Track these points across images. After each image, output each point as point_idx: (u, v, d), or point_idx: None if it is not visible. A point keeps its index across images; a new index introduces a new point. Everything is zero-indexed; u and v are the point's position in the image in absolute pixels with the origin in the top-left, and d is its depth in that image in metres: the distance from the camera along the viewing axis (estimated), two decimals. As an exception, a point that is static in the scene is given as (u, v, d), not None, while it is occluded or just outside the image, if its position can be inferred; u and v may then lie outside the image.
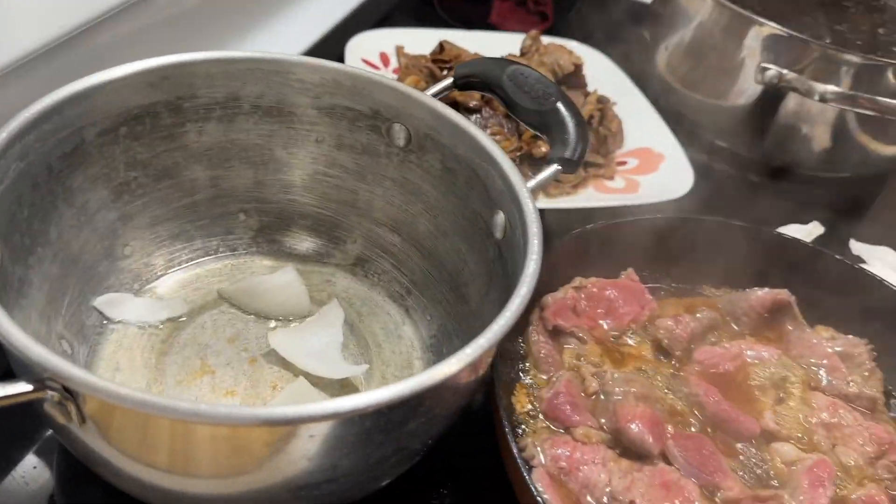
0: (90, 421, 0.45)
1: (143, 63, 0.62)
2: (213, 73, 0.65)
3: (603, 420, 0.62)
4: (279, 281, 0.70)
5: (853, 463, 0.64)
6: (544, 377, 0.67)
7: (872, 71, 0.97)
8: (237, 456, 0.45)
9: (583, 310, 0.71)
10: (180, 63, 0.63)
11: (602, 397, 0.64)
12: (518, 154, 0.92)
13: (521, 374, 0.67)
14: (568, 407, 0.62)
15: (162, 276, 0.71)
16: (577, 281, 0.73)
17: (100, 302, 0.66)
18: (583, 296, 0.72)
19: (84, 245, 0.65)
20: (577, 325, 0.70)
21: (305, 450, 0.45)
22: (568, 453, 0.59)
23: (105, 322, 0.66)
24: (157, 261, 0.71)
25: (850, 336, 0.73)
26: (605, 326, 0.71)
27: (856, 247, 0.98)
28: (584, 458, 0.58)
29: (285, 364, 0.65)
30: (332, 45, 1.07)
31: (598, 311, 0.72)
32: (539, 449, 0.59)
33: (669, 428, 0.63)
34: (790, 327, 0.74)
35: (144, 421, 0.44)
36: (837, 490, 0.61)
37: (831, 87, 0.97)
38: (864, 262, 0.96)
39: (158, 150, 0.67)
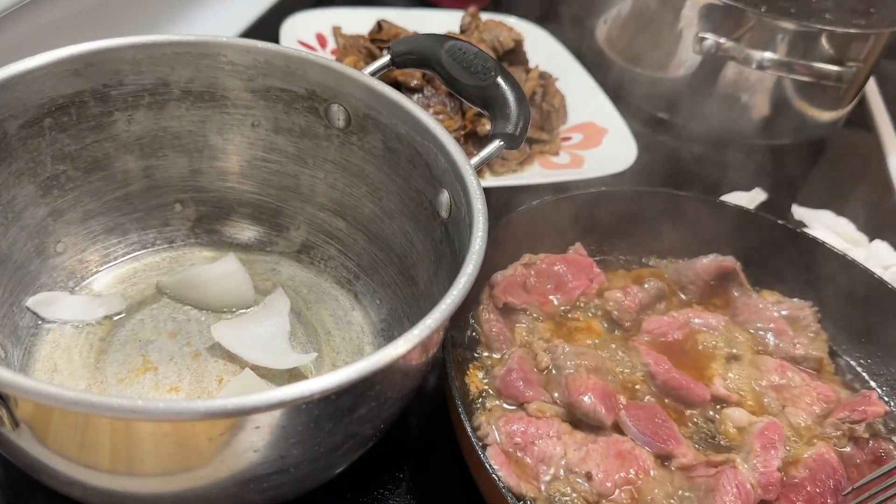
0: (24, 425, 0.43)
1: (66, 50, 0.60)
2: (139, 59, 0.62)
3: (556, 394, 0.62)
4: (220, 270, 0.68)
5: (802, 423, 0.65)
6: (497, 356, 0.66)
7: (807, 38, 0.98)
8: (180, 452, 0.44)
9: (532, 286, 0.71)
10: (104, 49, 0.61)
11: (554, 372, 0.64)
12: (463, 133, 0.91)
13: (473, 354, 0.67)
14: (521, 383, 0.62)
15: (97, 272, 0.68)
16: (526, 258, 0.72)
17: (33, 302, 0.63)
18: (532, 272, 0.71)
19: (13, 244, 0.62)
20: (528, 301, 0.70)
21: (251, 442, 0.43)
22: (522, 429, 0.58)
23: (40, 322, 0.63)
24: (92, 257, 0.68)
25: (796, 299, 0.75)
26: (556, 302, 0.71)
27: (798, 211, 1.00)
28: (538, 433, 0.58)
29: (231, 356, 0.63)
30: (267, 28, 1.04)
31: (548, 286, 0.72)
32: (493, 427, 0.59)
33: (622, 399, 0.63)
34: (736, 293, 0.75)
35: (81, 421, 0.43)
36: (788, 450, 0.62)
37: (768, 55, 0.98)
38: (806, 226, 0.98)
39: (87, 141, 0.64)
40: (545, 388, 0.63)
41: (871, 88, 1.28)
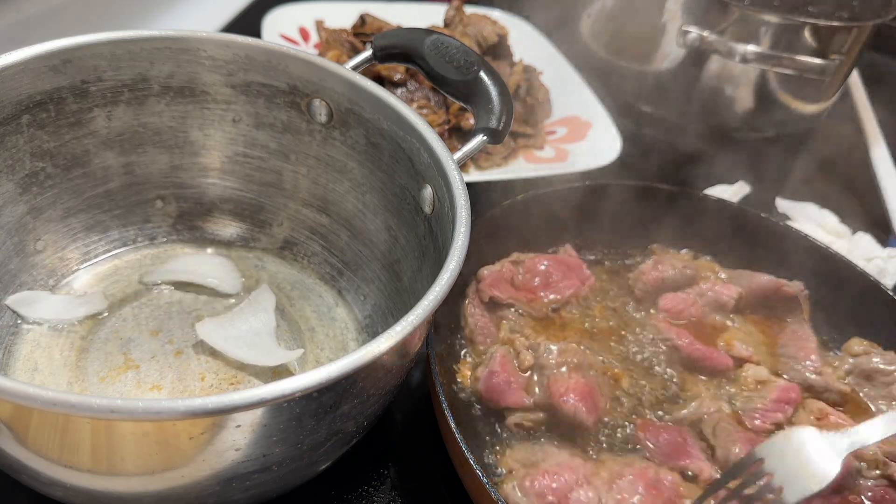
0: (3, 425, 0.43)
1: (43, 46, 0.59)
2: (118, 55, 0.62)
3: (537, 390, 0.62)
4: (205, 257, 0.69)
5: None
6: (480, 349, 0.66)
7: (790, 30, 0.98)
8: (161, 451, 0.43)
9: (520, 283, 0.71)
10: (82, 45, 0.60)
11: (535, 376, 0.63)
12: (447, 127, 0.91)
13: (458, 350, 0.67)
14: (503, 387, 0.61)
15: (78, 270, 0.68)
16: (515, 255, 0.72)
17: (13, 301, 0.63)
18: (520, 269, 0.71)
19: (-9, 242, 0.61)
20: (515, 297, 0.70)
21: (232, 440, 0.43)
22: (552, 485, 0.56)
23: (19, 321, 0.63)
24: (73, 254, 0.68)
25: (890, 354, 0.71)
26: (546, 300, 0.71)
27: (782, 204, 1.00)
28: (567, 483, 0.56)
29: (214, 353, 0.63)
30: (248, 22, 1.04)
31: (536, 283, 0.71)
32: (519, 492, 0.56)
33: (647, 418, 0.62)
34: (789, 320, 0.74)
35: (60, 421, 0.42)
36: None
37: (751, 48, 0.98)
38: (789, 218, 0.98)
39: (66, 137, 0.64)
40: (526, 391, 0.62)
41: (855, 81, 1.28)
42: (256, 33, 0.96)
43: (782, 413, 0.64)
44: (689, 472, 0.60)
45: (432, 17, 1.08)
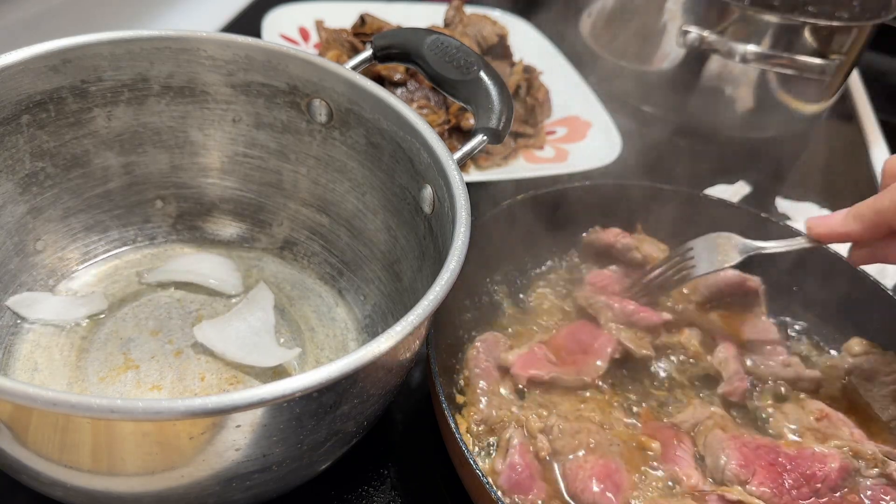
0: (3, 425, 0.43)
1: (42, 46, 0.59)
2: (118, 55, 0.62)
3: (560, 480, 0.59)
4: (204, 256, 0.69)
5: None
6: (478, 391, 0.64)
7: (790, 30, 0.98)
8: (161, 451, 0.43)
9: (560, 358, 0.67)
10: (82, 45, 0.60)
11: (552, 461, 0.60)
12: (447, 127, 0.91)
13: (459, 350, 0.67)
14: (527, 483, 0.58)
15: (78, 269, 0.68)
16: (537, 339, 0.69)
17: (13, 301, 0.63)
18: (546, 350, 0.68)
19: (-9, 242, 0.61)
20: (559, 370, 0.65)
21: (233, 440, 0.43)
22: None
23: (20, 321, 0.63)
24: (73, 254, 0.68)
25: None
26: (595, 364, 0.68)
27: (782, 204, 1.00)
28: None
29: (213, 354, 0.62)
30: (248, 22, 1.04)
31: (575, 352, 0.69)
32: None
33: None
34: (751, 315, 0.74)
35: (61, 421, 0.42)
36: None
37: (751, 48, 0.98)
38: (789, 218, 0.98)
39: (66, 137, 0.64)
40: (546, 480, 0.58)
41: (855, 81, 1.28)
42: (256, 33, 0.96)
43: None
44: (675, 477, 0.59)
45: (432, 17, 1.08)
